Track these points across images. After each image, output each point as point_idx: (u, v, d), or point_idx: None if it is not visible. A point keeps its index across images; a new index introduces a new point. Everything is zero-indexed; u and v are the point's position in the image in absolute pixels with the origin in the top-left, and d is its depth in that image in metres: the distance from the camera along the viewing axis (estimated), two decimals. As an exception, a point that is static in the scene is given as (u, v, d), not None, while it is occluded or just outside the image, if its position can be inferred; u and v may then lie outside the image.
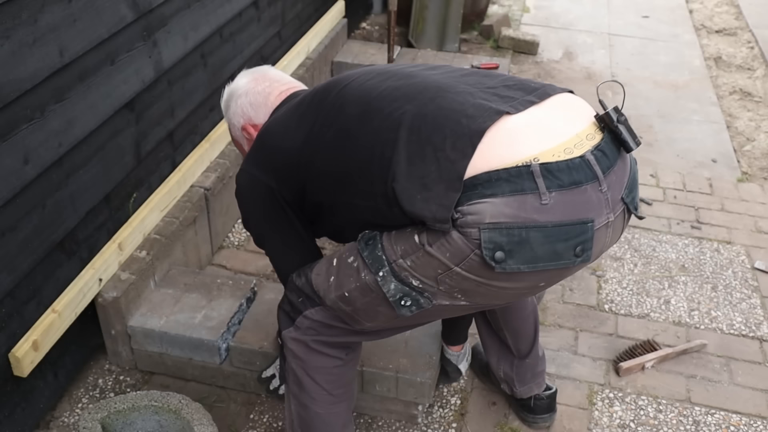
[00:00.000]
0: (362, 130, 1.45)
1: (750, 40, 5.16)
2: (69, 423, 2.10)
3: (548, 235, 1.31)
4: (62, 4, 1.77)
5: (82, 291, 2.03)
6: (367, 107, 1.46)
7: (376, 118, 1.43)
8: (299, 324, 1.66)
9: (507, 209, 1.29)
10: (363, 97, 1.48)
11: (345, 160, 1.47)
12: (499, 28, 4.75)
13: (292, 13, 3.37)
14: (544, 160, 1.32)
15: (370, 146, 1.42)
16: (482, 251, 1.31)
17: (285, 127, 1.61)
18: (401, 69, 1.56)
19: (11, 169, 1.71)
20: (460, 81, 1.48)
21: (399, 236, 1.43)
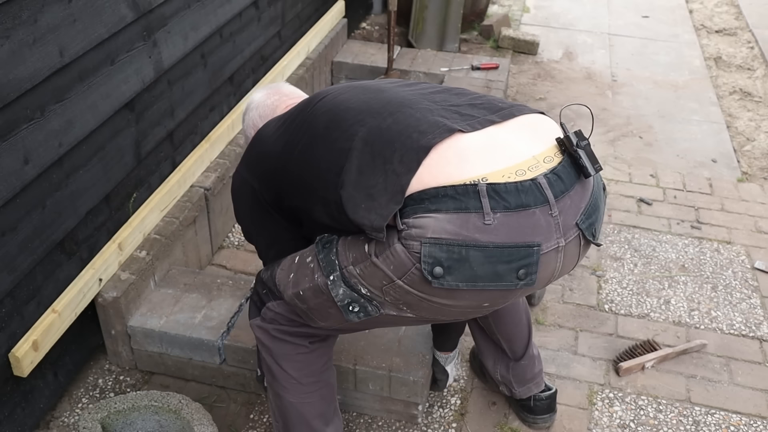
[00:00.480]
0: (324, 140, 1.48)
1: (750, 40, 5.16)
2: (69, 423, 2.10)
3: (489, 255, 1.31)
4: (62, 4, 1.77)
5: (82, 291, 2.03)
6: (333, 119, 1.49)
7: (338, 129, 1.47)
8: (264, 315, 1.71)
9: (449, 226, 1.30)
10: (332, 109, 1.52)
11: (308, 168, 1.51)
12: (499, 28, 4.75)
13: (292, 13, 3.37)
14: (493, 180, 1.32)
15: (328, 155, 1.46)
16: (422, 265, 1.32)
17: (270, 134, 1.65)
18: (377, 84, 1.59)
19: (11, 169, 1.71)
20: (426, 98, 1.49)
21: (353, 243, 1.45)
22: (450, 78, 3.83)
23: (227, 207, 2.80)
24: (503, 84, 3.85)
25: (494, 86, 3.79)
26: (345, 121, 1.47)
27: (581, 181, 1.42)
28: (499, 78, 3.88)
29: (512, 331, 1.98)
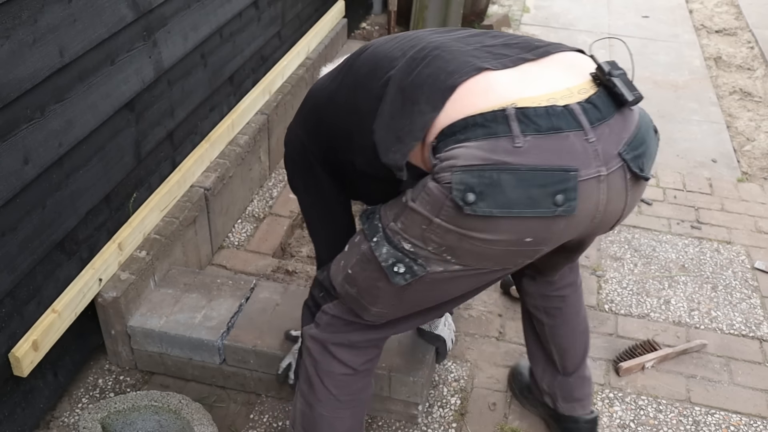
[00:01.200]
0: (363, 87, 1.49)
1: (750, 40, 5.16)
2: (69, 423, 2.10)
3: (521, 179, 1.26)
4: (62, 4, 1.77)
5: (82, 291, 2.03)
6: (372, 67, 1.50)
7: (375, 77, 1.47)
8: (318, 320, 1.66)
9: (479, 152, 1.27)
10: (372, 58, 1.52)
11: (349, 115, 1.52)
12: (499, 28, 4.75)
13: (292, 13, 3.37)
14: (522, 105, 1.29)
15: (366, 102, 1.46)
16: (453, 193, 1.28)
17: (320, 86, 1.67)
18: (415, 33, 1.57)
19: (11, 169, 1.71)
20: (459, 41, 1.47)
21: (393, 202, 1.44)
22: (450, 78, 3.83)
23: (227, 207, 2.80)
24: (503, 84, 3.84)
25: (494, 86, 3.78)
26: (382, 68, 1.47)
27: (622, 113, 1.37)
28: (499, 78, 3.88)
29: (567, 343, 1.93)
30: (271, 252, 2.78)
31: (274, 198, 3.09)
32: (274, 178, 3.21)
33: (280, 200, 3.07)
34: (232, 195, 2.82)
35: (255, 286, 2.35)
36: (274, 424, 2.14)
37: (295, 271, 2.64)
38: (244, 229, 2.90)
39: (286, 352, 2.11)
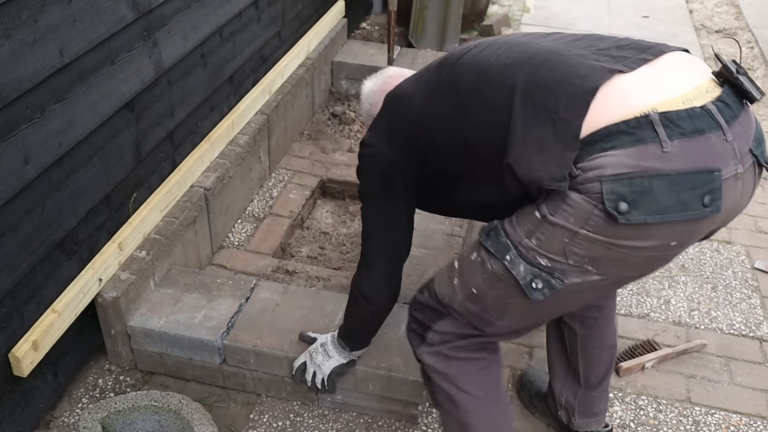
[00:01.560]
0: (476, 101, 1.47)
1: (750, 40, 5.16)
2: (69, 423, 2.10)
3: (673, 183, 1.26)
4: (62, 4, 1.77)
5: (82, 291, 2.03)
6: (478, 78, 1.48)
7: (489, 88, 1.45)
8: (430, 340, 1.64)
9: (628, 160, 1.26)
10: (475, 69, 1.51)
11: (462, 131, 1.49)
12: (499, 28, 4.75)
13: (292, 13, 3.37)
14: (663, 109, 1.29)
15: (486, 115, 1.44)
16: (605, 203, 1.27)
17: (406, 99, 1.65)
18: (511, 38, 1.56)
19: (11, 169, 1.71)
20: (571, 45, 1.47)
21: (519, 218, 1.42)
22: (450, 78, 3.83)
23: (227, 207, 2.80)
24: (503, 84, 3.84)
25: (494, 86, 3.78)
26: (494, 77, 1.45)
27: (745, 109, 1.39)
28: (499, 78, 3.88)
29: (598, 355, 1.92)
30: (271, 252, 2.78)
31: (274, 198, 3.09)
32: (274, 178, 3.21)
33: (280, 200, 3.07)
34: (232, 195, 2.82)
35: (255, 286, 2.35)
36: (274, 424, 2.14)
37: (295, 271, 2.64)
38: (244, 229, 2.90)
39: (293, 352, 2.11)
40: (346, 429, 2.13)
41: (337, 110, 3.76)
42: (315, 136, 3.58)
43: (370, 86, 1.90)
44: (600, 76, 1.34)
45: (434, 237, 2.60)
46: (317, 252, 2.87)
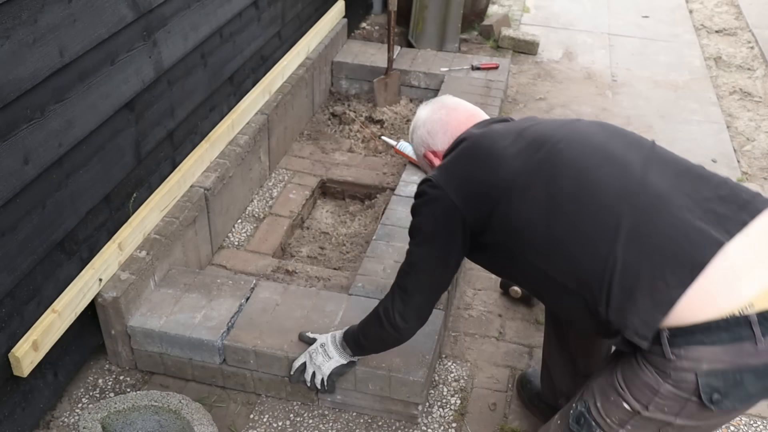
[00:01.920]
0: (575, 213, 1.48)
1: (750, 40, 5.16)
2: (69, 423, 2.10)
3: (761, 374, 1.36)
4: (62, 4, 1.77)
5: (82, 291, 2.03)
6: (581, 190, 1.49)
7: (591, 209, 1.47)
8: None
9: (725, 356, 1.34)
10: (576, 176, 1.51)
11: (550, 231, 1.50)
12: (499, 28, 4.74)
13: (292, 13, 3.37)
14: (761, 307, 1.34)
15: (582, 236, 1.47)
16: (701, 396, 1.37)
17: (495, 158, 1.60)
18: (613, 147, 1.55)
19: (11, 169, 1.71)
20: (677, 188, 1.48)
21: (607, 405, 1.49)
22: (450, 78, 3.83)
23: (227, 207, 2.80)
24: (503, 84, 3.85)
25: (494, 86, 3.79)
26: (597, 198, 1.47)
27: None
28: (499, 78, 3.88)
29: (596, 346, 1.96)
30: (271, 252, 2.78)
31: (274, 198, 3.09)
32: (274, 178, 3.21)
33: (280, 200, 3.07)
34: (232, 195, 2.82)
35: (255, 286, 2.35)
36: (274, 424, 2.14)
37: (295, 271, 2.64)
38: (244, 229, 2.90)
39: (293, 352, 2.11)
40: (346, 429, 2.13)
41: (337, 110, 3.76)
42: (315, 136, 3.58)
43: (427, 113, 1.86)
44: (708, 249, 1.37)
45: (434, 237, 2.60)
46: (317, 252, 2.87)
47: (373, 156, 3.43)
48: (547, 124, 1.66)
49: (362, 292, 2.36)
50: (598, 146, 1.56)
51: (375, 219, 3.00)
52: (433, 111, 1.85)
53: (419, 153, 1.89)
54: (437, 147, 1.81)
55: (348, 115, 3.70)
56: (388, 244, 2.59)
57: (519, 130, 1.64)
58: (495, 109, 3.56)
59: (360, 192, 3.22)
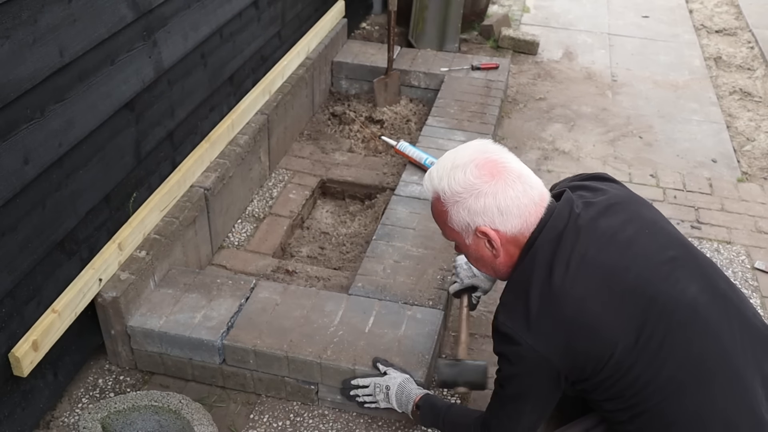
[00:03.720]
0: (686, 396, 1.50)
1: (750, 40, 5.15)
2: (69, 423, 2.10)
3: None
4: (62, 4, 1.77)
5: (81, 291, 2.03)
6: (700, 382, 1.50)
7: (730, 388, 1.50)
8: None
9: None
10: (686, 363, 1.50)
11: (670, 409, 1.51)
12: (499, 28, 4.74)
13: (292, 13, 3.37)
14: None
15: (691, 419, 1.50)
16: None
17: (598, 312, 1.50)
18: (716, 317, 1.54)
19: (11, 169, 1.71)
20: (754, 362, 1.53)
21: None
22: (450, 78, 3.83)
23: (227, 207, 2.80)
24: (503, 84, 3.85)
25: (494, 86, 3.79)
26: (711, 386, 1.50)
27: None
28: (499, 78, 3.88)
29: None
30: (271, 252, 2.78)
31: (274, 198, 3.09)
32: (274, 178, 3.21)
33: (280, 200, 3.07)
34: (232, 195, 2.82)
35: (255, 286, 2.35)
36: (274, 424, 2.14)
37: (295, 271, 2.64)
38: (244, 229, 2.90)
39: (293, 352, 2.11)
40: (346, 429, 2.13)
41: (337, 110, 3.76)
42: (315, 136, 3.58)
43: (468, 178, 1.56)
44: None
45: (434, 237, 2.60)
46: (317, 252, 2.87)
47: (373, 156, 3.43)
48: (644, 265, 1.54)
49: (362, 292, 2.36)
50: (710, 322, 1.53)
51: (375, 219, 3.00)
52: (505, 183, 1.55)
53: (466, 220, 1.58)
54: (506, 228, 1.57)
55: (348, 115, 3.70)
56: (388, 244, 2.59)
57: (610, 271, 1.53)
58: (495, 109, 3.56)
59: (360, 192, 3.22)
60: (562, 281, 1.51)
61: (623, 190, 1.70)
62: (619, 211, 1.62)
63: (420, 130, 3.45)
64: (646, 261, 1.55)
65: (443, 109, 3.54)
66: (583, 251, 1.53)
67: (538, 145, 3.69)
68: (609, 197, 1.64)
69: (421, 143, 3.23)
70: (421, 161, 3.03)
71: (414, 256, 2.53)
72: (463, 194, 1.56)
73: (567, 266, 1.51)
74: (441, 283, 2.41)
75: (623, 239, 1.56)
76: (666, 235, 1.62)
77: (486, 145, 1.63)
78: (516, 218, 1.56)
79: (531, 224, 1.57)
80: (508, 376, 1.61)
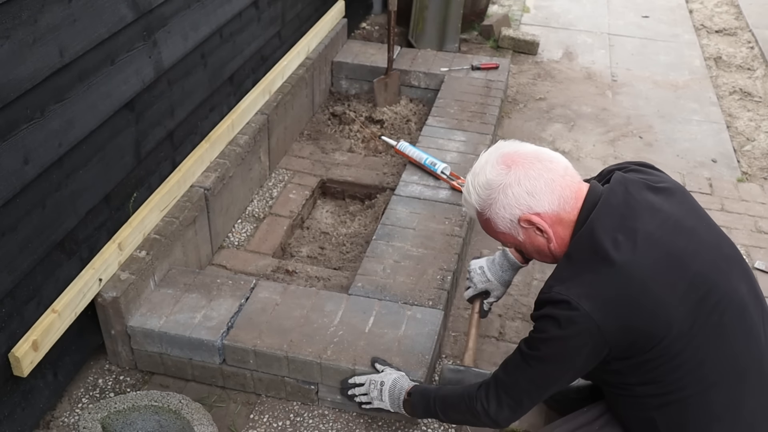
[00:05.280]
0: (732, 400, 1.53)
1: (750, 40, 5.15)
2: (69, 423, 2.10)
3: None
4: (62, 4, 1.77)
5: (81, 291, 2.03)
6: (738, 375, 1.53)
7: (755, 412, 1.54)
8: None
9: None
10: (738, 356, 1.53)
11: (702, 401, 1.53)
12: (499, 28, 4.74)
13: (292, 13, 3.37)
14: None
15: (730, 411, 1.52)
16: None
17: (653, 302, 1.48)
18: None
19: (11, 169, 1.71)
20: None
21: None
22: (450, 78, 3.83)
23: (227, 207, 2.80)
24: (503, 84, 3.85)
25: (494, 86, 3.79)
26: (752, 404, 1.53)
27: None
28: (499, 78, 3.88)
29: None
30: (271, 252, 2.78)
31: (274, 198, 3.09)
32: (274, 178, 3.21)
33: (280, 200, 3.07)
34: (232, 195, 2.82)
35: (255, 286, 2.35)
36: (274, 424, 2.14)
37: (295, 271, 2.64)
38: (244, 229, 2.90)
39: (293, 352, 2.11)
40: (346, 429, 2.13)
41: (337, 110, 3.76)
42: (315, 136, 3.58)
43: (513, 170, 1.57)
44: None
45: (434, 237, 2.60)
46: (317, 252, 2.87)
47: (373, 156, 3.43)
48: (706, 257, 1.55)
49: (362, 292, 2.37)
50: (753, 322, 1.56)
51: (375, 219, 3.00)
52: (523, 166, 1.56)
53: (508, 217, 1.59)
54: (544, 208, 1.56)
55: (348, 115, 3.70)
56: (388, 244, 2.59)
57: (677, 255, 1.51)
58: (495, 109, 3.56)
59: (360, 192, 3.22)
60: (630, 257, 1.48)
61: (674, 181, 1.70)
62: (679, 199, 1.61)
63: (420, 130, 3.45)
64: (709, 253, 1.55)
65: (443, 109, 3.54)
66: (650, 230, 1.51)
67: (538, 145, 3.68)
68: (667, 184, 1.64)
69: (421, 143, 3.23)
70: (421, 161, 3.03)
71: (414, 256, 2.53)
72: (491, 194, 1.58)
73: (634, 243, 1.49)
74: (441, 283, 2.41)
75: (687, 227, 1.56)
76: (719, 233, 1.63)
77: (499, 144, 1.65)
78: (548, 194, 1.55)
79: (569, 199, 1.56)
80: (550, 338, 1.53)
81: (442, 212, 2.75)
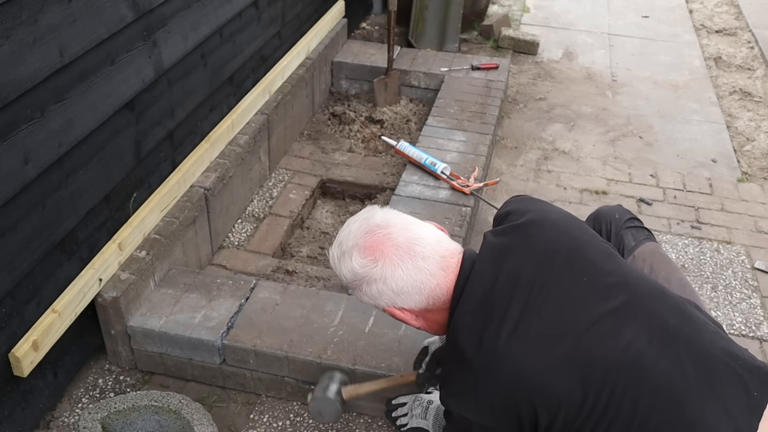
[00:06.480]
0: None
1: (750, 40, 5.16)
2: (69, 423, 2.10)
3: None
4: (62, 4, 1.77)
5: (82, 291, 2.03)
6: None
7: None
8: None
9: None
10: (649, 417, 1.37)
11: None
12: (499, 28, 4.75)
13: (292, 13, 3.37)
14: None
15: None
16: None
17: (541, 367, 1.37)
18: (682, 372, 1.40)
19: (11, 169, 1.71)
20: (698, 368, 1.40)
21: None
22: (450, 78, 3.83)
23: (227, 207, 2.80)
24: (503, 84, 3.85)
25: (494, 86, 3.79)
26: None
27: None
28: (499, 78, 3.88)
29: None
30: (271, 252, 2.78)
31: (274, 198, 3.09)
32: (274, 178, 3.21)
33: (280, 200, 3.07)
34: (232, 195, 2.82)
35: (255, 286, 2.35)
36: (274, 424, 2.14)
37: (295, 271, 2.64)
38: (244, 229, 2.91)
39: (293, 352, 2.11)
40: (346, 429, 2.13)
41: (337, 110, 3.76)
42: (315, 136, 3.58)
43: (382, 264, 1.47)
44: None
45: (434, 237, 2.60)
46: (317, 252, 2.87)
47: (373, 156, 3.43)
48: (582, 327, 1.40)
49: (362, 292, 2.36)
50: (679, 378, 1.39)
51: (375, 219, 3.00)
52: (392, 263, 1.46)
53: (376, 305, 1.53)
54: (410, 305, 1.50)
55: (348, 115, 3.70)
56: (388, 244, 2.59)
57: (546, 338, 1.39)
58: (495, 109, 3.56)
59: (360, 192, 3.22)
60: (494, 345, 1.39)
61: (549, 221, 1.55)
62: (552, 258, 1.47)
63: (420, 130, 3.45)
64: (585, 319, 1.41)
65: (443, 109, 3.54)
66: (516, 316, 1.40)
67: (538, 145, 3.69)
68: (537, 239, 1.50)
69: (421, 143, 3.23)
70: (421, 161, 3.03)
71: (414, 256, 2.53)
72: (356, 282, 1.49)
73: (497, 334, 1.39)
74: (441, 283, 2.41)
75: (555, 299, 1.42)
76: (604, 276, 1.46)
77: (369, 221, 1.51)
78: (416, 295, 1.48)
79: (440, 296, 1.48)
80: (469, 425, 1.46)
81: (442, 212, 2.75)
